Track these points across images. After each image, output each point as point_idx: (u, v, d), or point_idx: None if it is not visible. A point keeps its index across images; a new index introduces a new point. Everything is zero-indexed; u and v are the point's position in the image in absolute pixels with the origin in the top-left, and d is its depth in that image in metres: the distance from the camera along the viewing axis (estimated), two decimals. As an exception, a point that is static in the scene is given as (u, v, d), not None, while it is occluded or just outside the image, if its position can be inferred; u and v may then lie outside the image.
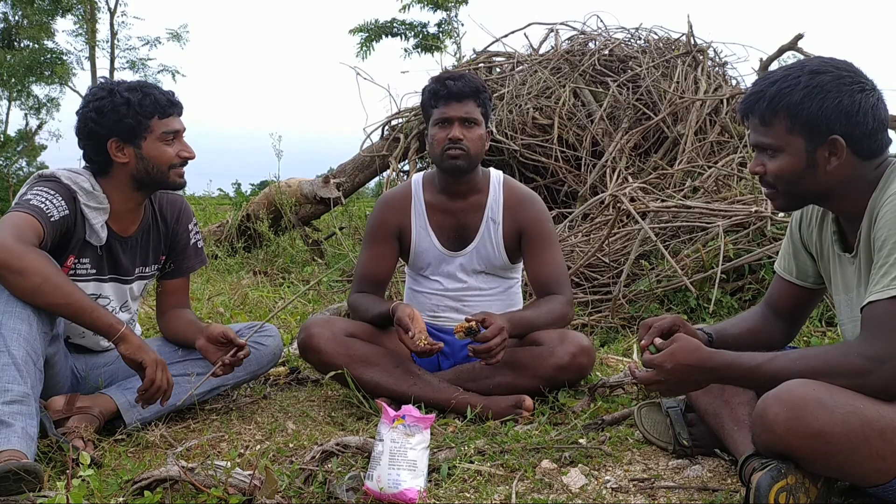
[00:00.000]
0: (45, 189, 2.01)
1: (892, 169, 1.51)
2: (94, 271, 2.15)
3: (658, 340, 1.62)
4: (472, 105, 2.40)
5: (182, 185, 2.21)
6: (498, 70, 6.59)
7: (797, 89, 1.48)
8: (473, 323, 2.14)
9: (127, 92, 2.09)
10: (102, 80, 2.28)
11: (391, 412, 1.73)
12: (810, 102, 1.47)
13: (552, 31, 6.66)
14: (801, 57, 5.74)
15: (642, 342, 1.67)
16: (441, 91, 2.41)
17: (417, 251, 2.53)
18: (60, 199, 2.02)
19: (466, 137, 2.38)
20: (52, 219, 1.97)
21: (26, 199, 1.97)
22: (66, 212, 2.02)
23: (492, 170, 2.57)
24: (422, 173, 2.61)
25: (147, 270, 2.29)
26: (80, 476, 1.59)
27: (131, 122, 2.07)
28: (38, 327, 1.86)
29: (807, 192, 1.56)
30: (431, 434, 1.80)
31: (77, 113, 2.13)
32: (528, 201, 2.51)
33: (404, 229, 2.53)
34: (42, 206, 1.96)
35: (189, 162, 2.18)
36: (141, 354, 1.97)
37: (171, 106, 2.14)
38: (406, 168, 5.96)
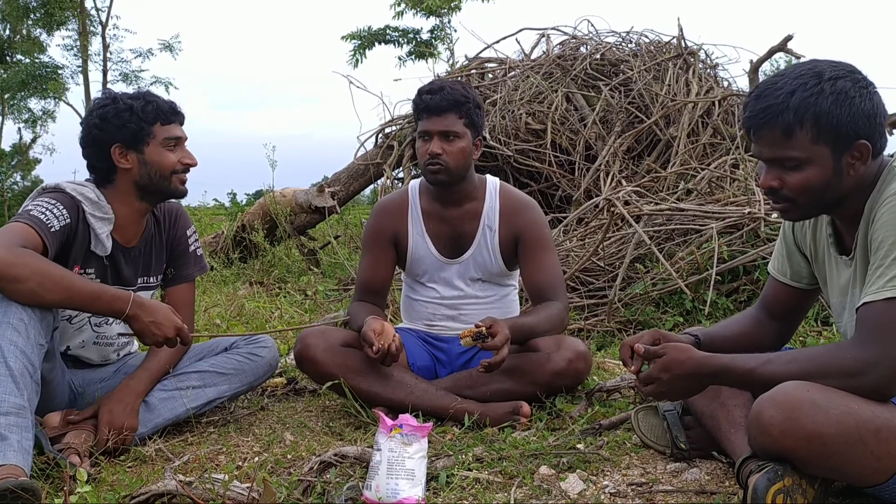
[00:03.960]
0: (46, 200, 2.03)
1: (889, 169, 1.51)
2: (98, 280, 2.15)
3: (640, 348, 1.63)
4: (453, 118, 2.37)
5: (184, 193, 2.23)
6: (490, 76, 6.61)
7: (823, 97, 1.43)
8: (483, 328, 2.11)
9: (130, 99, 2.15)
10: (108, 91, 2.32)
11: (388, 421, 1.73)
12: (839, 110, 1.42)
13: (543, 36, 6.68)
14: (792, 58, 5.80)
15: (632, 368, 1.66)
16: (420, 105, 2.40)
17: (414, 258, 2.53)
18: (62, 208, 2.03)
19: (446, 151, 2.36)
20: (53, 229, 1.97)
21: (27, 210, 1.99)
22: (68, 220, 2.03)
23: (488, 176, 2.55)
24: (418, 180, 2.60)
25: (151, 281, 2.31)
26: (78, 492, 1.59)
27: (134, 127, 2.11)
28: (35, 339, 1.85)
29: (828, 201, 1.51)
30: (429, 442, 1.80)
31: (81, 123, 2.19)
32: (525, 207, 2.50)
33: (400, 236, 2.53)
34: (42, 216, 1.97)
35: (190, 170, 2.22)
36: (148, 339, 2.00)
37: (173, 114, 2.18)
38: (401, 175, 5.97)
